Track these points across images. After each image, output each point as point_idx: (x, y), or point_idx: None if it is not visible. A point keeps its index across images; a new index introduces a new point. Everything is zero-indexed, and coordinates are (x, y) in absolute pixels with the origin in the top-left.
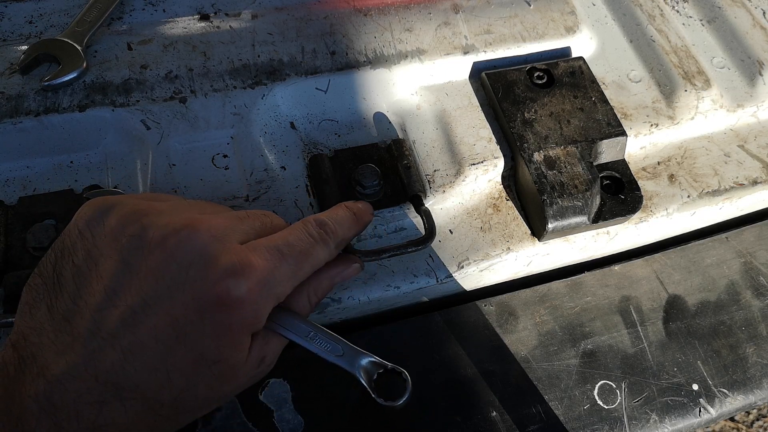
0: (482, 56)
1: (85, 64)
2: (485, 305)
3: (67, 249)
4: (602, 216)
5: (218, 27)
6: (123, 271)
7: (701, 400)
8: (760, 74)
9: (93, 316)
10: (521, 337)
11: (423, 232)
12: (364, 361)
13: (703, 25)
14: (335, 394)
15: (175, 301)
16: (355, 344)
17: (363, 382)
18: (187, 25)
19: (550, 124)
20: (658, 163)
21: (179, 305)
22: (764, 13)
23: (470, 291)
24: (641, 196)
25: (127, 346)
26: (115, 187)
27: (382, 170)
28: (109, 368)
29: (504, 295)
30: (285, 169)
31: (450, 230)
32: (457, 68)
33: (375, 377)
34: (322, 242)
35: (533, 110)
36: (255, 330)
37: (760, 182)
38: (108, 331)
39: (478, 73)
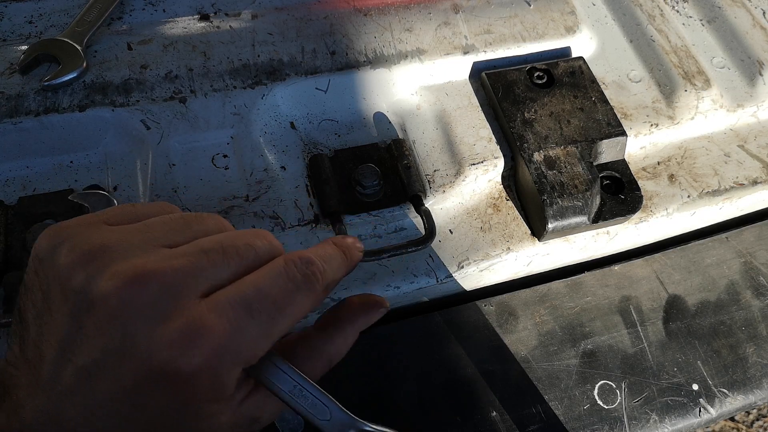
0: (482, 56)
1: (85, 64)
2: (485, 305)
3: (27, 287)
4: (602, 216)
5: (218, 27)
6: (72, 328)
7: (701, 400)
8: (760, 74)
9: (52, 368)
10: (521, 337)
11: (423, 232)
12: None
13: (703, 25)
14: (335, 394)
15: (123, 370)
16: (355, 344)
17: None
18: (187, 25)
19: (550, 124)
20: (658, 163)
21: (129, 376)
22: (764, 13)
23: (470, 291)
24: (641, 196)
25: (88, 405)
26: (114, 188)
27: (382, 170)
28: (73, 424)
29: (504, 295)
30: (285, 169)
31: (450, 230)
32: (457, 68)
33: None
34: (306, 288)
35: (533, 110)
36: (222, 397)
37: (760, 182)
38: (67, 386)
39: (478, 73)
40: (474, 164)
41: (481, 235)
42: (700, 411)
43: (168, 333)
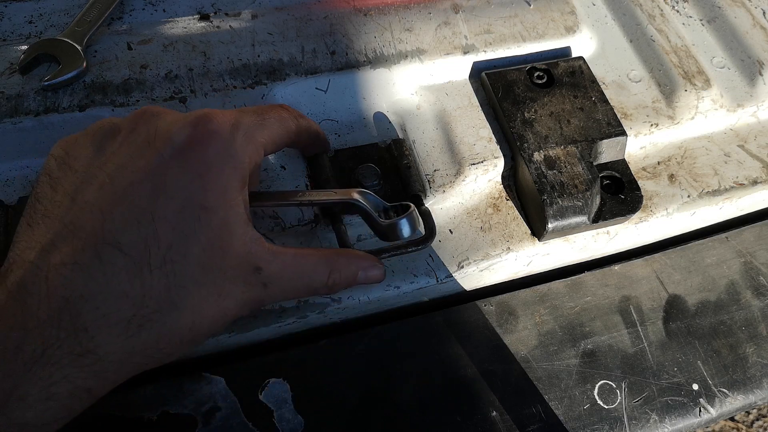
0: (482, 56)
1: (84, 64)
2: (485, 305)
3: (40, 177)
4: (602, 216)
5: (218, 27)
6: (97, 154)
7: (701, 400)
8: (760, 74)
9: (68, 197)
10: (521, 337)
11: (423, 232)
12: (366, 195)
13: (703, 25)
14: (335, 394)
15: (146, 156)
16: (355, 344)
17: (364, 206)
18: (187, 25)
19: (550, 124)
20: (658, 163)
21: (152, 158)
22: (764, 13)
23: (470, 291)
24: (641, 196)
25: (106, 207)
26: None
27: (382, 170)
28: (88, 232)
29: (504, 295)
30: (285, 169)
31: (450, 230)
32: (457, 68)
33: (378, 211)
34: (280, 106)
35: (533, 110)
36: (241, 177)
37: (760, 182)
38: (84, 200)
39: (478, 73)
40: (474, 164)
41: (481, 235)
42: (700, 411)
43: (185, 119)
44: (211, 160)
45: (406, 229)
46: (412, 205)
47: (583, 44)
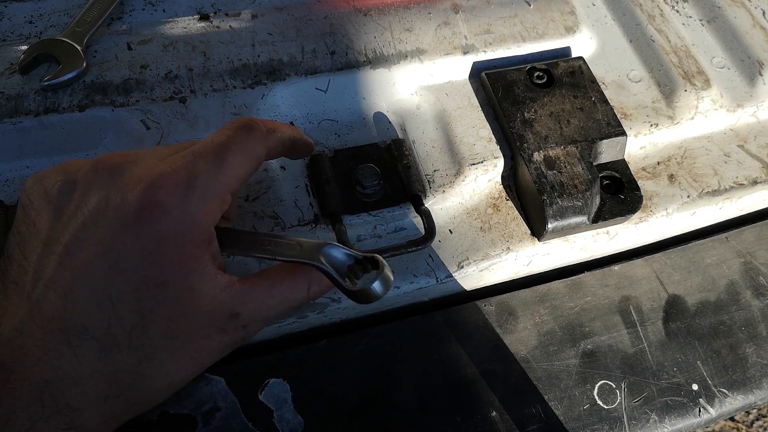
0: (482, 56)
1: (84, 64)
2: (485, 305)
3: (13, 226)
4: (602, 216)
5: (218, 27)
6: (55, 218)
7: (701, 400)
8: (760, 74)
9: (35, 268)
10: (521, 337)
11: (423, 232)
12: (331, 251)
13: (703, 25)
14: (335, 394)
15: (100, 227)
16: (355, 344)
17: (329, 271)
18: (187, 25)
19: (549, 124)
20: (658, 163)
21: (106, 230)
22: (764, 13)
23: (470, 291)
24: (641, 196)
25: (67, 286)
26: None
27: (382, 170)
28: (53, 314)
29: (504, 295)
30: (284, 169)
31: (450, 230)
32: (457, 68)
33: (346, 269)
34: (243, 129)
35: (533, 110)
36: (201, 240)
37: (760, 182)
38: (48, 277)
39: (478, 73)
40: (474, 164)
41: (481, 235)
42: (700, 411)
43: (133, 180)
44: (164, 235)
45: (378, 292)
46: (379, 259)
47: (583, 44)
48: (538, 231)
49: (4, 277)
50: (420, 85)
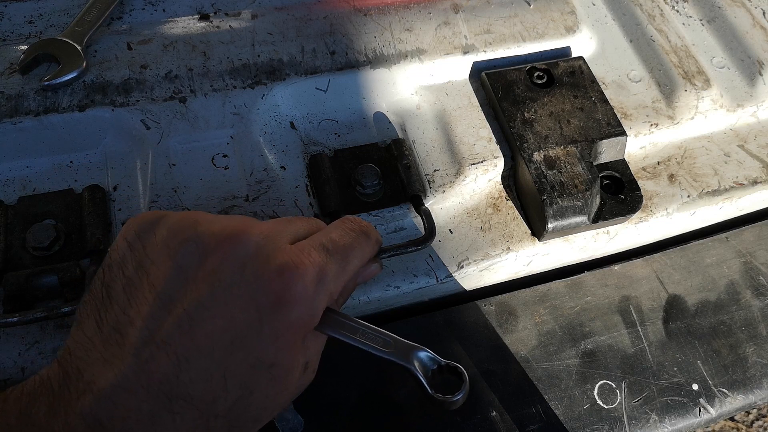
0: (482, 56)
1: (84, 64)
2: (485, 305)
3: (116, 263)
4: (602, 216)
5: (218, 27)
6: (177, 277)
7: (701, 399)
8: (760, 74)
9: (146, 324)
10: (521, 337)
11: (423, 232)
12: (421, 354)
13: (703, 25)
14: (335, 394)
15: (231, 303)
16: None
17: (419, 377)
18: (187, 24)
19: (550, 124)
20: (658, 163)
21: (236, 307)
22: (764, 13)
23: (470, 291)
24: (641, 196)
25: (183, 353)
26: (114, 188)
27: (382, 170)
28: (162, 378)
29: (504, 295)
30: (285, 169)
31: (450, 230)
32: (457, 68)
33: (430, 374)
34: (363, 235)
35: (533, 110)
36: (308, 330)
37: (760, 182)
38: (162, 338)
39: (478, 72)
40: (474, 164)
41: (481, 235)
42: (700, 411)
43: (275, 266)
44: (291, 323)
45: (460, 404)
46: (462, 371)
47: (583, 44)
48: (538, 231)
49: (101, 317)
50: (420, 85)
